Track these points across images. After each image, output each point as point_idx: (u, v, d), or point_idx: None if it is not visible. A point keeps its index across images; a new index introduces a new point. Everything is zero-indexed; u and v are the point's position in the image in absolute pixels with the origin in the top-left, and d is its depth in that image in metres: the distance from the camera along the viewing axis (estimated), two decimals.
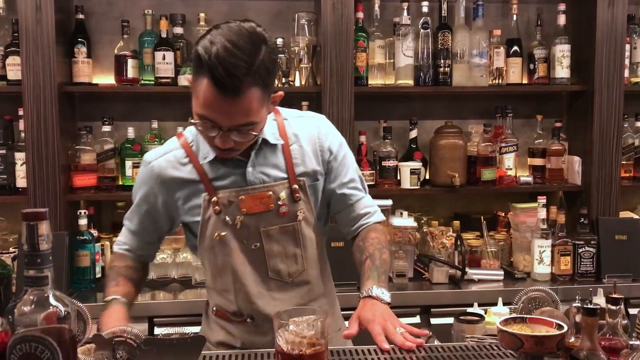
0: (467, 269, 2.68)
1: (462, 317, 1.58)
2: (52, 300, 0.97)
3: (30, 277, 0.96)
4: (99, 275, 2.70)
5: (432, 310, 2.58)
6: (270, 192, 1.53)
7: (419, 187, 2.84)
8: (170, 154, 1.57)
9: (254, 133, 1.41)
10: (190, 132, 1.59)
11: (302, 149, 1.58)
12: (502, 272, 2.76)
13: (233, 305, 1.58)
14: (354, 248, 1.61)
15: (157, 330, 2.48)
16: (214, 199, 1.51)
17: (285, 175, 1.55)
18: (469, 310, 1.68)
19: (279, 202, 1.52)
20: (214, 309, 1.64)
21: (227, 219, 1.51)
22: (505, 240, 2.96)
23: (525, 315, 1.21)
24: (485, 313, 1.67)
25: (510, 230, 2.96)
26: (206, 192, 1.53)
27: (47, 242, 0.97)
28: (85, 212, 2.62)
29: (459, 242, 2.73)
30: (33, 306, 0.96)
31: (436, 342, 1.42)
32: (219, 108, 1.34)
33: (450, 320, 2.66)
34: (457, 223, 2.94)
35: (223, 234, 1.52)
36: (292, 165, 1.56)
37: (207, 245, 1.56)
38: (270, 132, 1.55)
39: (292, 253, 1.57)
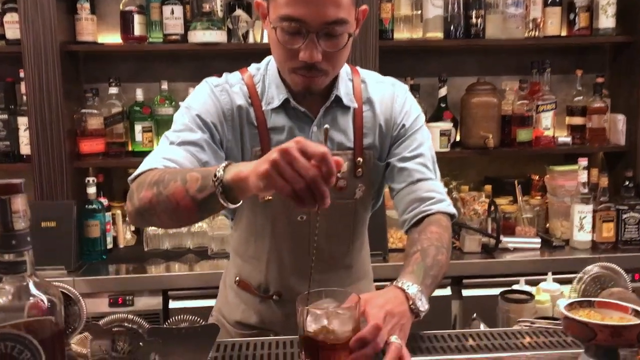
0: (501, 237, 2.49)
1: (508, 296, 1.40)
2: (32, 289, 0.81)
3: (5, 262, 0.80)
4: (110, 246, 2.56)
5: (463, 281, 2.41)
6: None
7: (449, 149, 2.64)
8: (237, 87, 1.35)
9: (344, 38, 1.22)
10: (256, 70, 1.38)
11: (375, 119, 1.38)
12: (539, 240, 2.57)
13: (261, 277, 1.42)
14: (407, 242, 1.35)
15: (172, 304, 2.35)
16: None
17: (350, 145, 1.35)
18: (515, 287, 1.50)
19: (339, 175, 1.33)
20: (237, 278, 1.47)
21: None
22: (540, 206, 2.76)
23: (594, 299, 1.02)
24: (534, 290, 1.49)
25: (547, 195, 2.76)
26: (260, 144, 1.33)
27: (24, 220, 0.80)
28: (93, 180, 2.46)
29: (492, 208, 2.54)
30: (10, 297, 0.79)
31: (482, 327, 1.24)
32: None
33: (482, 292, 2.56)
34: (488, 187, 2.75)
35: (269, 197, 1.31)
36: (361, 134, 1.36)
37: (247, 204, 1.37)
38: (344, 91, 1.35)
39: (340, 234, 1.39)
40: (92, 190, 2.46)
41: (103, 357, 1.01)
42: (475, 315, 1.30)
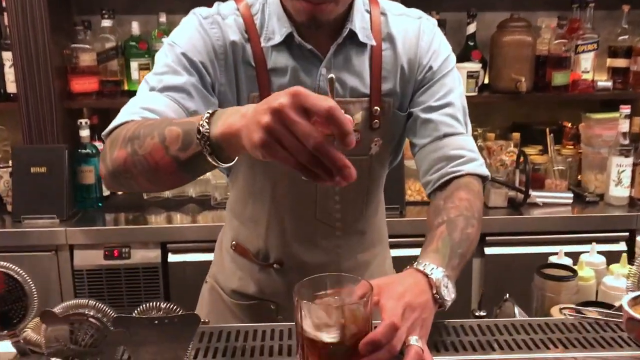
0: (530, 191, 2.28)
1: (545, 271, 1.21)
2: None
3: None
4: (106, 193, 2.39)
5: (487, 238, 2.21)
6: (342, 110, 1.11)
7: (476, 93, 2.40)
8: (230, 19, 1.11)
9: None
10: None
11: (397, 59, 1.14)
12: (571, 195, 2.35)
13: (260, 242, 1.23)
14: (430, 209, 1.12)
15: (172, 258, 2.19)
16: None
17: (366, 91, 1.12)
18: (554, 259, 1.30)
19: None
20: (234, 242, 1.28)
21: None
22: (573, 157, 2.53)
23: None
24: (575, 264, 1.28)
25: (580, 145, 2.52)
26: (258, 88, 1.11)
27: None
28: (86, 122, 2.27)
29: (521, 159, 2.32)
30: None
31: (517, 312, 1.05)
32: None
33: (507, 250, 2.37)
34: (516, 135, 2.52)
35: None
36: (380, 78, 1.13)
37: (245, 160, 1.16)
38: (360, 25, 1.11)
39: (352, 196, 1.19)
40: (85, 133, 2.27)
41: (60, 349, 0.84)
42: (507, 295, 1.11)
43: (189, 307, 1.41)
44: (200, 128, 0.82)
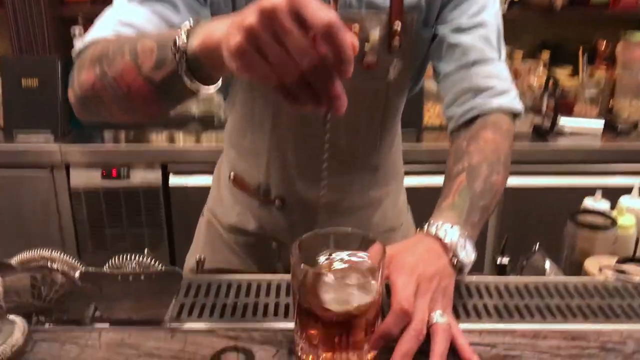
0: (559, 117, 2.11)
1: (580, 219, 1.07)
2: None
3: None
4: None
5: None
6: (356, 27, 0.94)
7: (505, 9, 2.19)
8: None
9: None
10: None
11: None
12: (602, 122, 2.18)
13: (260, 176, 1.10)
14: (451, 151, 0.96)
15: (173, 181, 2.08)
16: None
17: (385, 3, 0.94)
18: (588, 203, 1.16)
19: (366, 48, 0.94)
20: (232, 174, 1.15)
21: None
22: (606, 81, 2.33)
23: None
24: (614, 209, 1.14)
25: (615, 67, 2.31)
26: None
27: None
28: (80, 31, 2.10)
29: (551, 83, 2.13)
30: None
31: (548, 267, 0.92)
32: None
33: (530, 180, 2.21)
34: (546, 55, 2.32)
35: None
36: None
37: (243, 85, 1.02)
38: None
39: (365, 128, 1.04)
40: (79, 43, 2.09)
41: (20, 304, 0.72)
42: (537, 246, 0.98)
43: (192, 234, 1.32)
44: (177, 39, 0.67)
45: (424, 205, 1.35)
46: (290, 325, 0.71)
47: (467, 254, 0.76)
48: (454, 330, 0.68)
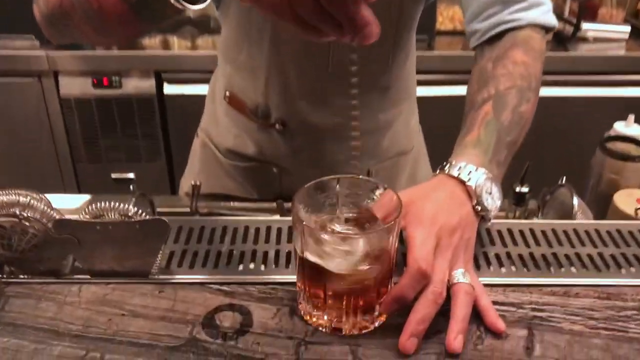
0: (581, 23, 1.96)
1: (610, 147, 0.97)
2: None
3: None
4: None
5: None
6: None
7: None
8: None
9: None
10: None
11: None
12: (628, 28, 2.02)
13: (258, 96, 0.99)
14: (474, 74, 0.84)
15: (167, 89, 1.96)
16: None
17: None
18: (619, 128, 1.05)
19: None
20: (227, 93, 1.05)
21: None
22: None
23: None
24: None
25: None
26: None
27: None
28: None
29: None
30: None
31: (576, 204, 0.84)
32: None
33: (550, 92, 2.08)
34: None
35: None
36: None
37: None
38: None
39: (376, 44, 0.91)
40: None
41: None
42: (564, 179, 0.89)
43: (190, 146, 1.23)
44: None
45: (435, 119, 1.24)
46: (292, 278, 0.64)
47: (493, 200, 0.67)
48: (477, 290, 0.60)
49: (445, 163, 0.69)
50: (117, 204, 0.63)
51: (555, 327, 0.60)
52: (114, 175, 1.02)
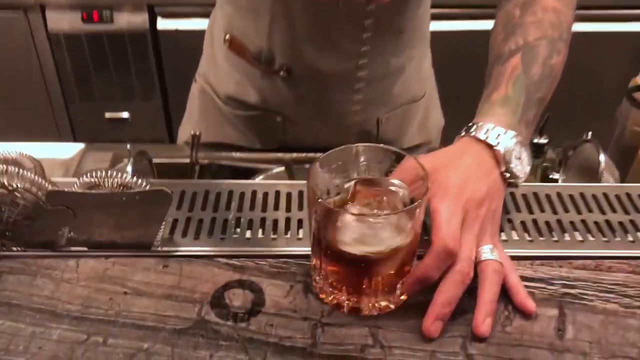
0: None
1: (635, 96, 0.91)
2: None
3: None
4: None
5: None
6: None
7: None
8: None
9: None
10: None
11: None
12: None
13: (261, 40, 0.92)
14: (499, 21, 0.76)
15: (161, 24, 1.86)
16: None
17: None
18: None
19: None
20: (227, 36, 0.97)
21: None
22: None
23: None
24: None
25: None
26: None
27: None
28: None
29: None
30: None
31: (603, 161, 0.79)
32: None
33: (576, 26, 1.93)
34: None
35: None
36: None
37: None
38: None
39: None
40: None
41: None
42: (589, 134, 0.83)
43: (185, 84, 1.16)
44: None
45: (448, 58, 1.16)
46: (305, 250, 0.60)
47: (523, 166, 0.62)
48: (505, 266, 0.56)
49: (470, 124, 0.64)
50: (115, 173, 0.58)
51: (588, 305, 0.56)
52: (107, 115, 0.97)
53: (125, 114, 1.97)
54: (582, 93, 1.80)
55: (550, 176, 0.89)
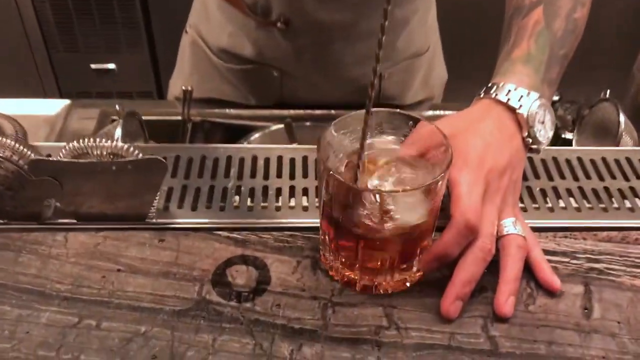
0: None
1: None
2: None
3: None
4: None
5: None
6: None
7: None
8: None
9: None
10: None
11: None
12: None
13: None
14: None
15: None
16: None
17: None
18: None
19: None
20: None
21: None
22: None
23: None
24: None
25: None
26: None
27: None
28: None
29: None
30: None
31: (622, 121, 0.74)
32: None
33: None
34: None
35: None
36: None
37: None
38: None
39: None
40: None
41: None
42: (607, 93, 0.78)
43: (173, 36, 1.10)
44: None
45: (450, 9, 1.10)
46: (311, 222, 0.55)
47: (546, 130, 0.57)
48: (528, 241, 0.52)
49: (490, 84, 0.58)
50: (104, 140, 0.53)
51: (615, 282, 0.52)
52: (93, 66, 0.92)
53: (111, 65, 1.89)
54: (595, 46, 1.73)
55: (563, 136, 0.85)
